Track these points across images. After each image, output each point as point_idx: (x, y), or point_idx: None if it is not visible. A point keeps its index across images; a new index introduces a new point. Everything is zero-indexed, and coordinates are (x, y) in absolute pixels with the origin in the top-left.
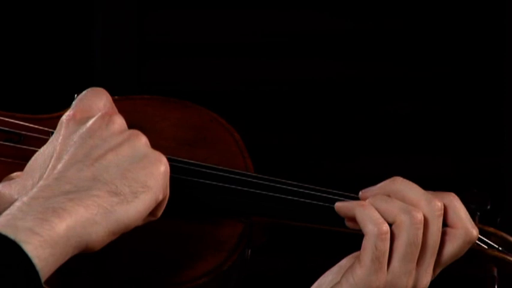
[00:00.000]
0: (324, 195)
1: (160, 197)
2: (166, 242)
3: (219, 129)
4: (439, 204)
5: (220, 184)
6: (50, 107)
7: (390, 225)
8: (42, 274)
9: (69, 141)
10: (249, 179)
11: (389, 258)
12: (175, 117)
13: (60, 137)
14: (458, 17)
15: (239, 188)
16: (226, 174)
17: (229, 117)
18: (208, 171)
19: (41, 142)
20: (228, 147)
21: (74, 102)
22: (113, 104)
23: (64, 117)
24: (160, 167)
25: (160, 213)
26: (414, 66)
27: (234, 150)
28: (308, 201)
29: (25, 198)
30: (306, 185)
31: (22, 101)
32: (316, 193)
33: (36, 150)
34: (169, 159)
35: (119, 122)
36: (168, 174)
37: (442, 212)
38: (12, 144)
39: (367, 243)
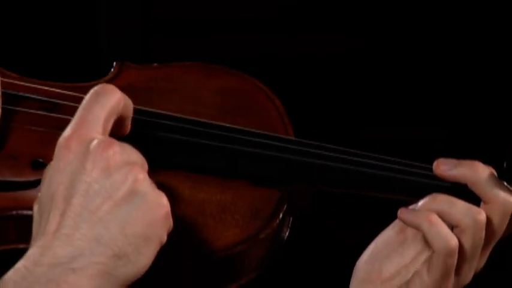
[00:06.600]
0: (372, 161)
1: (164, 238)
2: (200, 209)
3: (259, 95)
4: (511, 201)
5: (259, 151)
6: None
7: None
8: None
9: (66, 182)
10: (290, 145)
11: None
12: (215, 85)
13: (59, 175)
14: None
15: (279, 154)
16: (266, 141)
17: None
18: (247, 137)
19: (75, 110)
20: (268, 114)
21: (76, 113)
22: (120, 104)
23: (62, 142)
24: (160, 212)
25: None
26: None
27: (274, 116)
28: (352, 167)
29: (28, 263)
30: (350, 150)
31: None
32: (362, 159)
33: (70, 119)
34: (206, 125)
35: (113, 156)
36: (170, 213)
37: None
38: (45, 113)
39: (437, 260)
